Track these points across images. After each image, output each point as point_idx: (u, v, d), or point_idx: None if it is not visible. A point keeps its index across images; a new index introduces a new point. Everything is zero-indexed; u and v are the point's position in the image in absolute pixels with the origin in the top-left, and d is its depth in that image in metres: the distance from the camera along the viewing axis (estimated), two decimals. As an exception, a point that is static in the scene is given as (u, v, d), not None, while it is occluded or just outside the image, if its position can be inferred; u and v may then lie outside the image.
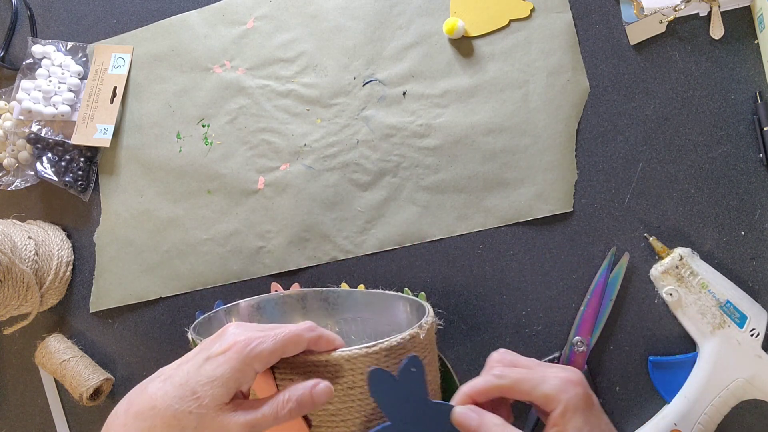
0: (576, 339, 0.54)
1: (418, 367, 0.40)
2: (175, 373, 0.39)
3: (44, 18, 0.71)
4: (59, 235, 0.65)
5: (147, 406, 0.38)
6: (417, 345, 0.41)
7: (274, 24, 0.65)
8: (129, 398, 0.39)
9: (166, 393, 0.38)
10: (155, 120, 0.66)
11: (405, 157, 0.60)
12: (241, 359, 0.38)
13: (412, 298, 0.51)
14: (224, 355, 0.38)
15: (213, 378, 0.38)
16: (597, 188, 0.56)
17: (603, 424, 0.39)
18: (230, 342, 0.39)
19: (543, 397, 0.39)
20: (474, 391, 0.41)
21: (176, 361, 0.40)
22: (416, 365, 0.40)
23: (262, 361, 0.38)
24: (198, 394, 0.37)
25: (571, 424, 0.38)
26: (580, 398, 0.38)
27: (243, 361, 0.38)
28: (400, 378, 0.40)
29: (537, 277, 0.56)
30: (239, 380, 0.38)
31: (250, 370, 0.38)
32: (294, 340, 0.40)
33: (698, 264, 0.52)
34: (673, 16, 0.56)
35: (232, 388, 0.38)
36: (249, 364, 0.38)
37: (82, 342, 0.65)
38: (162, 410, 0.37)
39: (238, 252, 0.62)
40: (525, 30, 0.59)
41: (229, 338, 0.39)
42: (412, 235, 0.59)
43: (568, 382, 0.39)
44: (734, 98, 0.55)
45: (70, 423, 0.65)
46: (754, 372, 0.50)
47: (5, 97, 0.70)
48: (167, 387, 0.38)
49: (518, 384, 0.40)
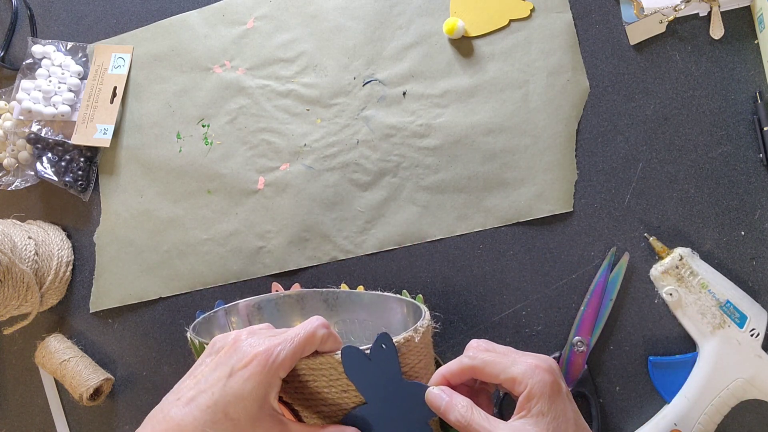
0: (576, 339, 0.54)
1: (389, 345, 0.40)
2: (198, 396, 0.38)
3: (44, 18, 0.71)
4: (59, 235, 0.65)
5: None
6: (412, 348, 0.42)
7: (274, 24, 0.65)
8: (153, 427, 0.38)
9: (195, 418, 0.37)
10: (155, 120, 0.66)
11: (405, 157, 0.60)
12: (266, 371, 0.37)
13: (409, 300, 0.51)
14: (248, 369, 0.37)
15: (242, 395, 0.37)
16: (597, 188, 0.56)
17: (569, 411, 0.39)
18: (251, 354, 0.38)
19: (510, 380, 0.39)
20: (448, 372, 0.41)
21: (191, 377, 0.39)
22: (386, 343, 0.40)
23: (285, 367, 0.38)
24: (230, 415, 0.36)
25: (535, 409, 0.37)
26: (547, 384, 0.38)
27: (269, 373, 0.37)
28: (373, 356, 0.40)
29: (537, 277, 0.56)
30: (267, 392, 0.37)
31: (276, 380, 0.38)
32: (310, 340, 0.39)
33: (698, 264, 0.52)
34: (673, 16, 0.56)
35: (262, 401, 0.37)
36: (275, 374, 0.37)
37: (82, 342, 0.65)
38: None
39: (238, 252, 0.62)
40: (525, 30, 0.59)
41: (247, 350, 0.38)
42: (412, 235, 0.59)
43: (537, 368, 0.39)
44: (734, 98, 0.55)
45: (70, 423, 0.65)
46: (754, 372, 0.50)
47: (5, 97, 0.70)
48: (195, 412, 0.37)
49: (488, 366, 0.40)
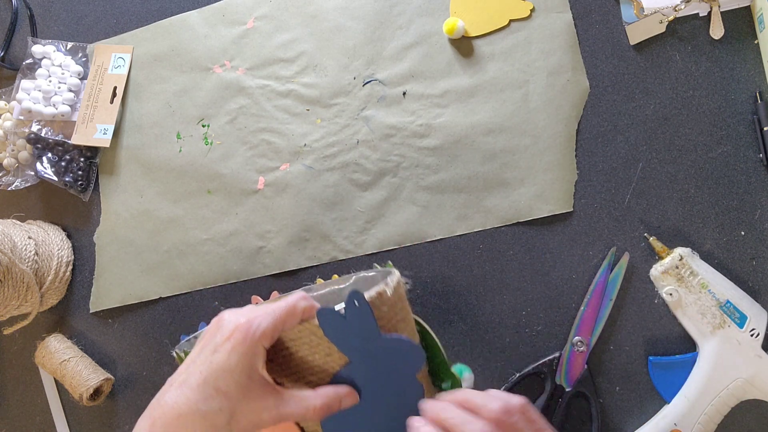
0: (576, 339, 0.54)
1: (361, 301, 0.40)
2: (188, 377, 0.38)
3: (44, 18, 0.71)
4: (59, 235, 0.65)
5: (172, 417, 0.37)
6: (385, 302, 0.42)
7: (274, 24, 0.65)
8: (149, 414, 0.38)
9: (188, 398, 0.37)
10: (155, 120, 0.66)
11: (405, 157, 0.60)
12: (248, 341, 0.38)
13: (381, 269, 0.51)
14: (230, 342, 0.38)
15: (229, 368, 0.37)
16: (597, 188, 0.56)
17: None
18: (231, 328, 0.39)
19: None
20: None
21: (181, 367, 0.40)
22: (359, 300, 0.40)
23: (267, 336, 0.39)
24: (221, 388, 0.37)
25: None
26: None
27: (251, 343, 0.38)
28: (348, 314, 0.40)
29: (537, 277, 0.56)
30: (253, 362, 0.38)
31: (260, 349, 0.38)
32: (291, 311, 0.40)
33: (698, 264, 0.52)
34: (673, 16, 0.56)
35: (250, 371, 0.38)
36: (257, 344, 0.38)
37: (82, 342, 0.65)
38: (190, 415, 0.37)
39: (238, 252, 0.62)
40: (525, 30, 0.59)
41: (228, 325, 0.39)
42: (412, 235, 0.59)
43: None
44: (734, 98, 0.55)
45: (70, 423, 0.65)
46: (754, 372, 0.50)
47: (5, 97, 0.70)
48: (186, 392, 0.38)
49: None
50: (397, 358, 0.41)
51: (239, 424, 0.37)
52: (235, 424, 0.37)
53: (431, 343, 0.45)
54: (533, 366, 0.55)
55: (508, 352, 0.56)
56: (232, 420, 0.37)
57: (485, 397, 0.39)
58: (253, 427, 0.38)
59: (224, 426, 0.37)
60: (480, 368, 0.57)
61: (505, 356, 0.56)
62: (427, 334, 0.45)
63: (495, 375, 0.56)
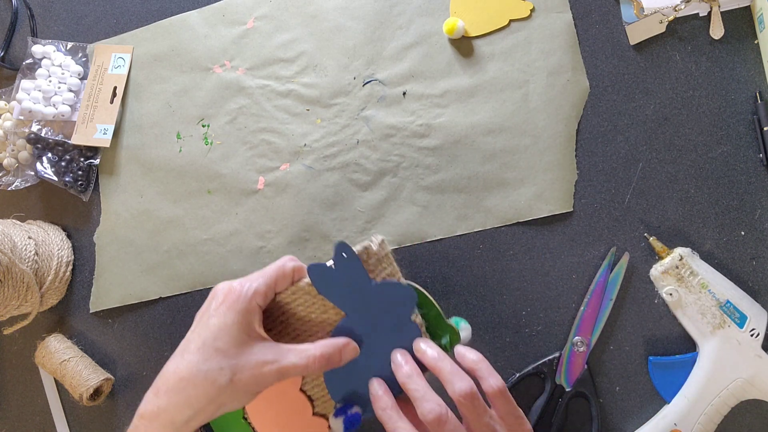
0: (576, 339, 0.54)
1: (349, 252, 0.41)
2: (188, 344, 0.40)
3: (44, 18, 0.71)
4: (59, 235, 0.65)
5: (174, 381, 0.38)
6: (372, 255, 0.43)
7: (274, 24, 0.65)
8: (154, 385, 0.40)
9: (188, 362, 0.38)
10: (155, 120, 0.66)
11: (405, 157, 0.60)
12: (241, 300, 0.39)
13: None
14: (224, 304, 0.39)
15: (225, 327, 0.39)
16: (597, 188, 0.56)
17: None
18: (224, 292, 0.40)
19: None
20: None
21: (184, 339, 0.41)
22: (346, 251, 0.41)
23: (260, 295, 0.40)
24: (220, 348, 0.38)
25: None
26: None
27: (244, 302, 0.39)
28: (337, 266, 0.41)
29: (537, 277, 0.56)
30: (249, 319, 0.39)
31: (254, 307, 0.40)
32: (281, 272, 0.42)
33: (698, 264, 0.52)
34: (673, 16, 0.56)
35: (248, 329, 0.39)
36: (251, 302, 0.39)
37: (82, 342, 0.65)
38: (192, 377, 0.38)
39: (238, 252, 0.62)
40: (525, 30, 0.59)
41: (221, 292, 0.40)
42: (412, 235, 0.59)
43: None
44: (734, 98, 0.55)
45: (70, 423, 0.65)
46: (754, 372, 0.50)
47: (5, 97, 0.70)
48: (187, 357, 0.39)
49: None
50: (390, 301, 0.42)
51: (241, 381, 0.38)
52: (237, 381, 0.38)
53: (424, 300, 0.46)
54: (533, 366, 0.55)
55: (508, 352, 0.56)
56: (234, 377, 0.38)
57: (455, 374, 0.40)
58: (256, 384, 0.39)
59: (226, 384, 0.38)
60: (480, 368, 0.57)
61: (505, 356, 0.56)
62: (419, 293, 0.46)
63: (495, 375, 0.56)
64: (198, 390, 0.38)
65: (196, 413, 0.38)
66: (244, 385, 0.38)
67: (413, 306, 0.43)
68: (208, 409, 0.38)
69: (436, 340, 0.46)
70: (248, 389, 0.39)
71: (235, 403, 0.39)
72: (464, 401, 0.39)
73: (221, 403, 0.38)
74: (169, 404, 0.38)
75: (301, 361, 0.39)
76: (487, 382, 0.40)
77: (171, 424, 0.38)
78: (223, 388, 0.38)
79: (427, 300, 0.46)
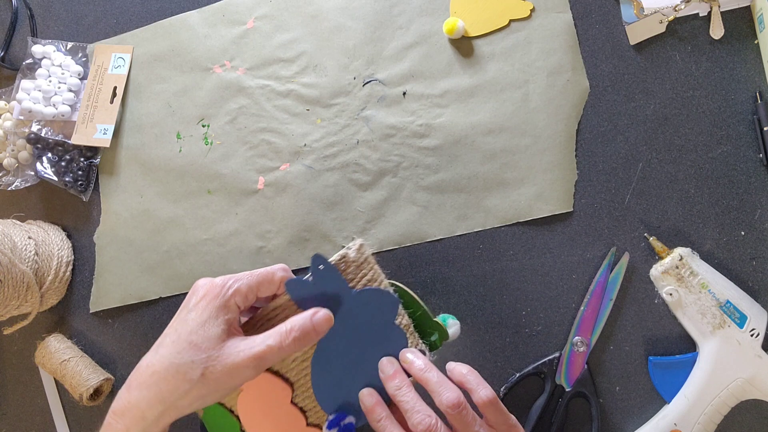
0: (576, 339, 0.54)
1: (325, 263, 0.41)
2: (163, 339, 0.39)
3: (44, 18, 0.71)
4: (59, 235, 0.65)
5: (146, 375, 0.38)
6: (350, 264, 0.43)
7: (274, 24, 0.65)
8: (128, 379, 0.39)
9: (162, 356, 0.38)
10: (155, 120, 0.66)
11: (405, 157, 0.60)
12: (220, 298, 0.39)
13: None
14: (204, 300, 0.39)
15: (202, 322, 0.38)
16: (597, 188, 0.56)
17: None
18: (205, 288, 0.40)
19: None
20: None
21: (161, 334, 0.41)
22: (323, 263, 0.41)
23: (240, 295, 0.40)
24: (194, 342, 0.38)
25: None
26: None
27: (222, 300, 0.39)
28: (315, 279, 0.41)
29: (537, 277, 0.56)
30: (226, 317, 0.39)
31: (233, 306, 0.39)
32: (267, 277, 0.41)
33: (698, 264, 0.52)
34: (673, 16, 0.56)
35: (225, 325, 0.39)
36: (229, 300, 0.39)
37: (82, 342, 0.65)
38: (163, 371, 0.37)
39: (238, 252, 0.62)
40: (525, 30, 0.59)
41: (201, 288, 0.40)
42: (412, 235, 0.59)
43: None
44: (734, 98, 0.55)
45: (70, 423, 0.65)
46: (754, 372, 0.50)
47: (5, 97, 0.70)
48: (160, 351, 0.38)
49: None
50: (373, 307, 0.42)
51: (213, 374, 0.37)
52: (209, 375, 0.37)
53: (409, 300, 0.46)
54: (533, 366, 0.55)
55: (508, 352, 0.56)
56: (206, 371, 0.37)
57: (443, 385, 0.40)
58: (230, 376, 0.38)
59: (198, 378, 0.37)
60: (480, 368, 0.56)
61: (505, 356, 0.56)
62: (404, 293, 0.46)
63: (495, 375, 0.56)
64: (169, 384, 0.37)
65: (167, 408, 0.37)
66: (216, 378, 0.37)
67: (395, 311, 0.43)
68: (180, 404, 0.38)
69: (425, 339, 0.46)
70: (222, 383, 0.38)
71: (209, 398, 0.38)
72: (452, 412, 0.39)
73: (194, 398, 0.38)
74: (140, 399, 0.38)
75: (275, 341, 0.39)
76: (477, 394, 0.41)
77: (141, 420, 0.38)
78: (194, 382, 0.37)
79: (413, 300, 0.46)
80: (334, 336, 0.42)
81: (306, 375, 0.43)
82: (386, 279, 0.46)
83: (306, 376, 0.43)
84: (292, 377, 0.43)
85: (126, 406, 0.38)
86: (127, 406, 0.38)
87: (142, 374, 0.38)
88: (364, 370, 0.43)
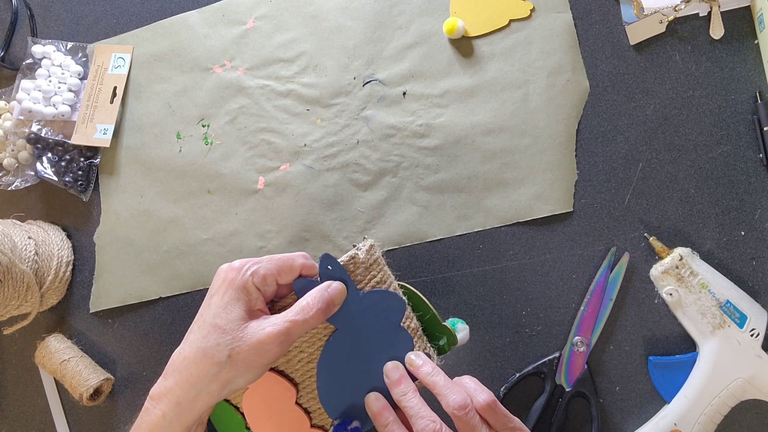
0: (576, 339, 0.54)
1: (334, 264, 0.41)
2: (193, 326, 0.41)
3: (44, 18, 0.71)
4: (59, 235, 0.65)
5: (178, 361, 0.40)
6: (359, 265, 0.43)
7: (274, 24, 0.65)
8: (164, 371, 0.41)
9: (191, 342, 0.40)
10: (155, 120, 0.66)
11: (405, 157, 0.60)
12: (239, 280, 0.40)
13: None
14: (224, 284, 0.40)
15: (224, 305, 0.39)
16: (597, 188, 0.56)
17: None
18: (225, 272, 0.41)
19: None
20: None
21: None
22: (331, 264, 0.41)
23: (258, 276, 0.40)
24: (218, 324, 0.39)
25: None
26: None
27: (241, 281, 0.40)
28: (322, 279, 0.41)
29: (537, 277, 0.56)
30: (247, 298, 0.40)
31: (251, 287, 0.40)
32: (287, 262, 0.42)
33: (698, 264, 0.52)
34: (673, 16, 0.56)
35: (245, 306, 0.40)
36: (248, 281, 0.40)
37: (82, 342, 0.65)
38: (192, 356, 0.39)
39: (238, 252, 0.62)
40: (525, 30, 0.59)
41: (222, 272, 0.41)
42: (412, 235, 0.59)
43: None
44: (734, 98, 0.55)
45: (70, 423, 0.65)
46: (754, 372, 0.50)
47: (5, 97, 0.70)
48: (190, 337, 0.40)
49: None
50: (380, 310, 0.42)
51: (240, 355, 0.38)
52: (236, 356, 0.38)
53: (418, 302, 0.46)
54: (533, 366, 0.55)
55: (508, 352, 0.56)
56: (232, 353, 0.38)
57: (449, 387, 0.41)
58: (258, 355, 0.38)
59: (226, 360, 0.38)
60: (480, 368, 0.57)
61: (505, 356, 0.56)
62: (413, 295, 0.46)
63: (495, 375, 0.56)
64: (199, 368, 0.38)
65: (199, 393, 0.38)
66: (244, 359, 0.38)
67: (402, 313, 0.43)
68: (211, 388, 0.38)
69: (433, 342, 0.46)
70: (250, 363, 0.38)
71: (240, 379, 0.39)
72: (459, 413, 0.39)
73: (225, 381, 0.38)
74: (174, 384, 0.39)
75: (298, 315, 0.39)
76: (475, 399, 0.41)
77: (177, 405, 0.39)
78: (222, 364, 0.38)
79: (423, 302, 0.46)
80: (340, 338, 0.42)
81: (311, 376, 0.43)
82: (396, 281, 0.46)
83: (311, 378, 0.43)
84: (297, 378, 0.43)
85: (162, 392, 0.39)
86: (163, 392, 0.39)
87: (174, 361, 0.40)
88: (370, 373, 0.43)
